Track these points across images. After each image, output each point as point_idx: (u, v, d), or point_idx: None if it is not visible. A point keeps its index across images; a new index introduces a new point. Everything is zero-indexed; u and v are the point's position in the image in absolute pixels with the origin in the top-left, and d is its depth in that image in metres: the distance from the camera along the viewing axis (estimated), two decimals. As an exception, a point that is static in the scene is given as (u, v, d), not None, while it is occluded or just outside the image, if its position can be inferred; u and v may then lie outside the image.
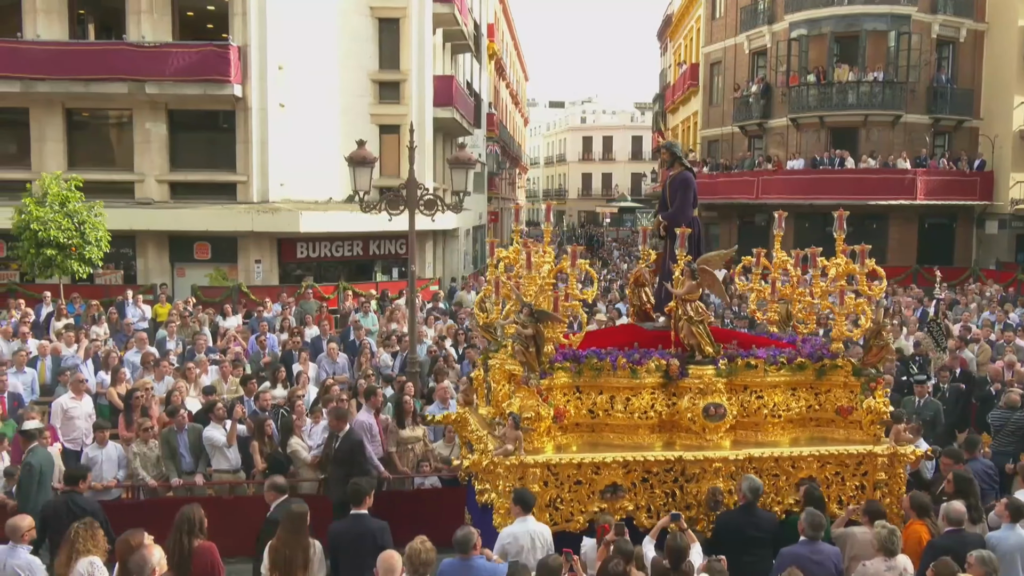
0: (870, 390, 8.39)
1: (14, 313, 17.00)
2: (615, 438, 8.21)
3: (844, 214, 9.21)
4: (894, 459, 8.20)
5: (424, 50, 26.42)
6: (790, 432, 8.51)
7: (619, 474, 7.86)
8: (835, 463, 8.20)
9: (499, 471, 7.61)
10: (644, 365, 8.16)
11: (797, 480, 8.09)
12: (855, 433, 8.46)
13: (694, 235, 9.02)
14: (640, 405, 8.16)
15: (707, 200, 35.59)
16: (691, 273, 8.17)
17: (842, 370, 8.52)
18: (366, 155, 13.43)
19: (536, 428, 7.74)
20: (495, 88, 48.35)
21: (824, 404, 8.58)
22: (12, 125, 23.70)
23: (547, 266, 8.67)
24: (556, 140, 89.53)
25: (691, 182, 9.51)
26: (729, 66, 36.63)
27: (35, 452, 9.03)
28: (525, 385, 7.81)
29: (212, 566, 6.76)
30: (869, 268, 8.89)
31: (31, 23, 22.84)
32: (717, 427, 8.04)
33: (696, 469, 7.92)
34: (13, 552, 6.79)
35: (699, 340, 8.22)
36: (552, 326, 8.00)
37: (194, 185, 23.74)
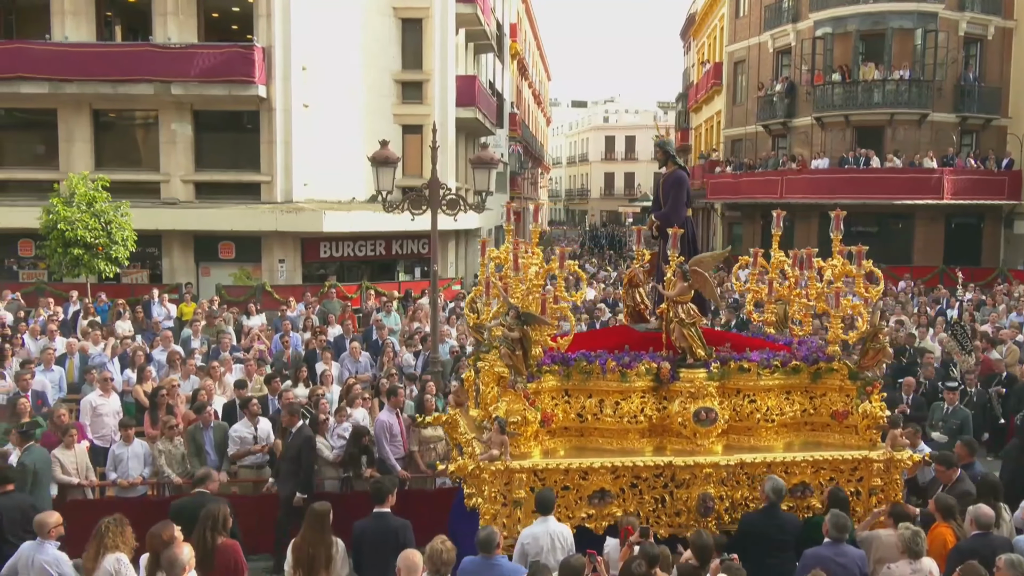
0: (866, 394, 8.21)
1: (42, 311, 17.20)
2: (604, 442, 8.10)
3: (841, 214, 9.00)
4: (890, 464, 8.03)
5: (447, 50, 26.48)
6: (784, 437, 8.35)
7: (607, 479, 7.75)
8: (829, 468, 8.04)
9: (484, 476, 7.53)
10: (634, 368, 8.02)
11: (790, 486, 7.94)
12: (851, 438, 8.29)
13: (687, 235, 8.95)
14: (630, 409, 8.03)
15: (731, 200, 35.49)
16: (683, 274, 8.02)
17: (838, 373, 8.33)
18: (389, 155, 13.48)
19: (523, 432, 7.65)
20: (517, 88, 48.36)
21: (819, 408, 8.41)
22: (40, 126, 24.01)
23: (534, 267, 8.53)
24: (578, 140, 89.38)
25: (684, 181, 9.41)
26: (753, 65, 36.40)
27: (31, 451, 9.03)
28: (512, 389, 7.72)
29: (235, 563, 6.81)
30: (867, 270, 8.69)
31: (59, 25, 23.12)
32: (708, 432, 7.92)
33: (686, 474, 7.80)
34: (41, 548, 6.86)
35: (690, 343, 8.05)
36: (539, 329, 7.91)
37: (219, 185, 23.93)
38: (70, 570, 6.68)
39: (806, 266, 9.29)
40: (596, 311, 18.17)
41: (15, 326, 15.87)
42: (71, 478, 9.62)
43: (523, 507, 7.55)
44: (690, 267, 8.06)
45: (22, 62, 22.34)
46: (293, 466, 9.47)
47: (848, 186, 29.41)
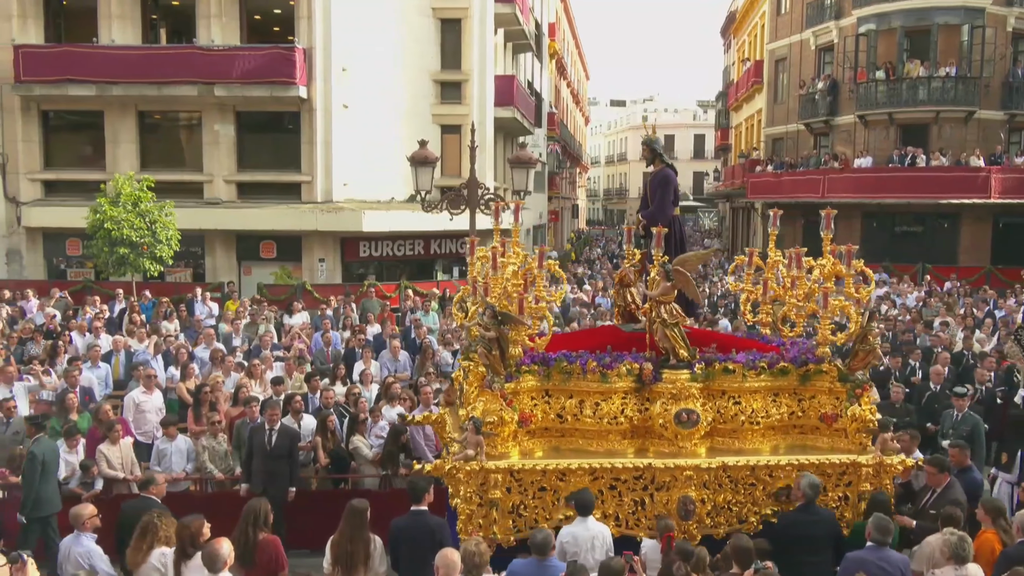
0: (856, 397, 7.99)
1: (89, 310, 17.55)
2: (585, 444, 8.00)
3: (832, 213, 8.83)
4: (880, 469, 7.82)
5: (486, 50, 26.52)
6: (771, 439, 8.18)
7: (585, 481, 7.66)
8: (816, 472, 7.81)
9: (460, 476, 7.49)
10: (615, 369, 7.92)
11: (775, 490, 7.81)
12: (840, 441, 8.10)
13: (674, 234, 8.85)
14: (610, 410, 7.92)
15: (771, 199, 35.08)
16: (666, 274, 7.89)
17: (827, 375, 8.13)
18: (428, 155, 13.56)
19: (499, 433, 7.60)
20: (556, 87, 48.30)
21: (808, 411, 8.22)
22: (88, 128, 24.47)
23: (512, 267, 8.43)
24: (617, 139, 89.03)
25: (671, 180, 9.29)
26: (794, 62, 35.98)
27: (40, 442, 9.17)
28: (488, 388, 7.66)
29: (276, 558, 6.90)
30: (857, 269, 8.50)
31: (106, 29, 23.55)
32: (690, 434, 7.79)
33: (666, 477, 7.67)
34: (77, 540, 6.99)
35: (673, 343, 7.91)
36: (516, 328, 7.85)
37: (260, 185, 24.21)
38: (102, 563, 6.77)
39: (795, 265, 9.11)
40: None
41: (64, 324, 16.21)
42: (116, 473, 9.80)
43: (499, 507, 7.51)
44: (673, 267, 7.93)
45: (70, 65, 22.81)
46: (282, 464, 9.54)
47: (892, 185, 28.95)
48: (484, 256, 9.03)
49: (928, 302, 20.91)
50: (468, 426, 7.56)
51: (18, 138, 23.82)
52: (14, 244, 24.16)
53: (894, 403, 11.34)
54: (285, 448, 9.57)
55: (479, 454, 7.47)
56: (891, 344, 15.02)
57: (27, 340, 14.88)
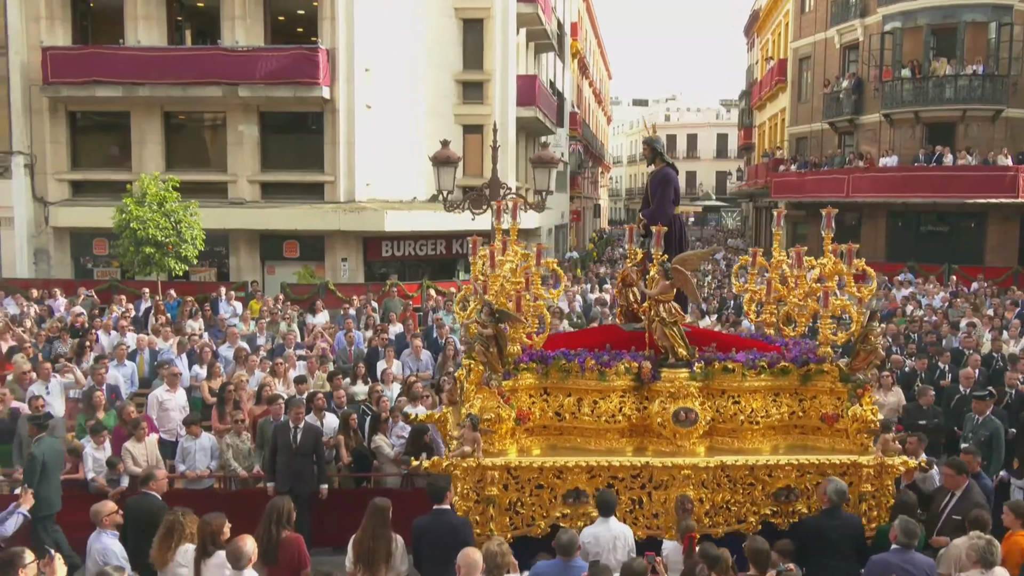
0: (857, 397, 7.91)
1: (115, 308, 17.73)
2: (583, 442, 7.99)
3: (832, 212, 8.78)
4: (882, 470, 7.73)
5: (508, 50, 26.55)
6: (771, 439, 8.12)
7: (583, 479, 7.65)
8: (815, 473, 7.78)
9: (457, 473, 7.50)
10: (613, 367, 7.89)
11: (774, 490, 7.74)
12: (840, 442, 8.03)
13: (674, 234, 8.80)
14: (608, 408, 7.90)
15: (795, 199, 34.85)
16: (665, 273, 7.86)
17: (828, 375, 8.05)
18: (450, 155, 13.58)
19: (496, 430, 7.59)
20: (578, 87, 48.22)
21: (808, 411, 8.15)
22: (115, 128, 24.73)
23: (508, 265, 8.43)
24: (639, 138, 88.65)
25: (671, 178, 9.24)
26: (819, 61, 35.70)
27: (41, 442, 9.21)
28: (486, 386, 7.66)
29: (298, 556, 6.94)
30: (858, 268, 8.40)
31: (132, 30, 23.80)
32: (689, 433, 7.74)
33: (664, 476, 7.66)
34: (97, 537, 7.06)
35: (672, 342, 7.88)
36: (514, 326, 7.84)
37: (284, 185, 24.37)
38: (117, 559, 6.82)
39: (795, 265, 9.03)
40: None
41: (91, 323, 16.39)
42: (141, 470, 9.88)
43: (496, 504, 7.52)
44: (672, 266, 7.90)
45: (97, 66, 23.07)
46: (307, 460, 9.58)
47: (918, 184, 28.63)
48: (484, 255, 9.03)
49: (954, 303, 20.67)
50: (465, 423, 7.60)
51: (46, 139, 24.13)
52: (42, 243, 24.48)
53: (923, 405, 11.22)
54: (310, 446, 9.62)
55: (476, 451, 7.50)
56: (916, 346, 14.86)
57: (54, 339, 15.06)
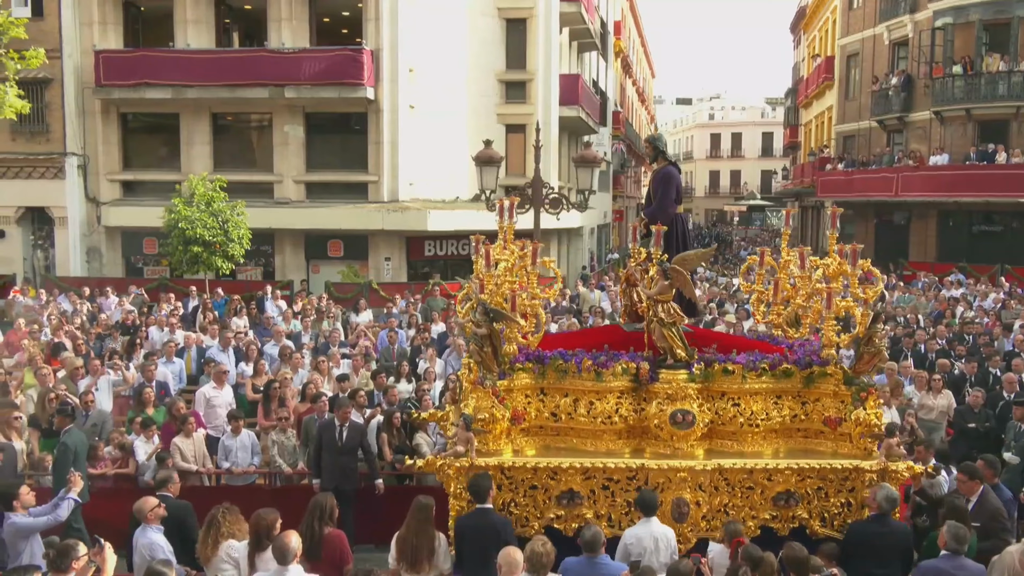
0: (861, 400, 7.69)
1: (164, 306, 18.07)
2: (580, 443, 7.88)
3: (838, 211, 8.53)
4: (885, 476, 7.50)
5: (551, 49, 26.52)
6: (772, 443, 7.93)
7: (577, 480, 7.56)
8: (816, 477, 7.59)
9: (450, 473, 7.47)
10: (610, 368, 7.78)
11: (774, 494, 7.57)
12: (844, 446, 7.81)
13: (676, 232, 8.68)
14: (604, 409, 7.78)
15: (842, 198, 34.33)
16: (664, 273, 7.70)
17: (832, 378, 7.84)
18: (492, 155, 13.61)
19: (491, 430, 7.54)
20: (621, 86, 48.01)
21: (811, 414, 7.94)
22: (164, 130, 25.21)
23: (503, 264, 8.35)
24: (683, 137, 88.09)
25: (673, 177, 9.10)
26: (867, 58, 35.11)
27: (71, 433, 9.37)
28: (480, 386, 7.59)
29: (341, 552, 7.01)
30: (864, 269, 8.16)
31: (181, 33, 24.24)
32: (687, 435, 7.59)
33: (660, 478, 7.51)
34: (143, 532, 7.19)
35: (671, 343, 7.71)
36: (509, 326, 7.77)
37: (328, 185, 24.63)
38: (163, 554, 6.92)
39: (800, 265, 8.81)
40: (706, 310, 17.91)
41: (140, 320, 16.72)
42: (190, 465, 10.06)
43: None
44: (671, 266, 7.76)
45: (148, 69, 23.54)
46: (352, 460, 9.66)
47: (969, 183, 28.00)
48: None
49: (1007, 304, 20.18)
50: (459, 423, 7.57)
51: (99, 140, 24.68)
52: (94, 243, 25.04)
53: (973, 408, 10.98)
54: (355, 443, 9.71)
55: (469, 451, 7.46)
56: (967, 348, 14.55)
57: (105, 336, 15.39)
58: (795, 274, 8.96)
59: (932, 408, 11.43)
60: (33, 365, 12.61)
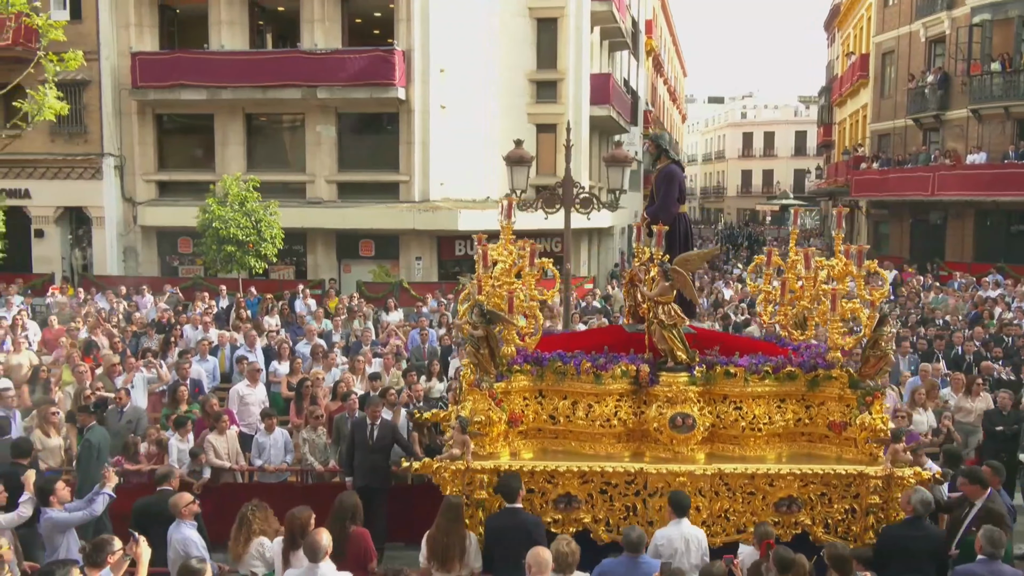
0: (866, 404, 7.52)
1: (198, 305, 18.28)
2: (579, 446, 7.79)
3: (844, 211, 8.43)
4: (891, 482, 7.34)
5: (582, 49, 26.46)
6: (775, 447, 7.79)
7: (574, 484, 7.47)
8: (819, 483, 7.44)
9: (446, 476, 7.42)
10: (609, 370, 7.67)
11: (776, 500, 7.44)
12: (848, 451, 7.66)
13: (680, 232, 8.58)
14: (603, 412, 7.68)
15: (877, 197, 33.93)
16: (664, 274, 7.57)
17: (837, 382, 7.67)
18: (523, 154, 13.59)
19: (487, 433, 7.47)
20: (652, 85, 47.78)
21: (815, 418, 7.79)
22: (199, 130, 25.51)
23: (500, 264, 8.29)
24: (715, 136, 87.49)
25: (675, 176, 8.99)
26: (903, 55, 34.63)
27: (94, 430, 9.51)
28: (477, 388, 7.53)
29: (366, 551, 7.06)
30: (870, 269, 8.03)
31: (216, 35, 24.51)
32: (687, 439, 7.47)
33: (659, 483, 7.40)
34: (177, 527, 7.28)
35: (671, 345, 7.59)
36: (506, 327, 7.70)
37: (360, 185, 24.77)
38: (197, 550, 6.99)
39: (805, 266, 8.67)
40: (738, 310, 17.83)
41: (175, 319, 16.94)
42: (223, 462, 10.17)
43: (485, 508, 7.43)
44: (671, 266, 7.64)
45: (183, 70, 23.84)
46: (383, 458, 9.70)
47: (1008, 182, 27.48)
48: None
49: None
50: (455, 425, 7.53)
51: (135, 141, 25.04)
52: (130, 242, 25.41)
53: (1001, 410, 10.81)
54: (386, 441, 9.76)
55: (465, 453, 7.42)
56: (1005, 350, 14.30)
57: (141, 334, 15.61)
58: (801, 275, 8.84)
59: (970, 411, 11.27)
60: (71, 362, 12.84)
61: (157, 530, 7.18)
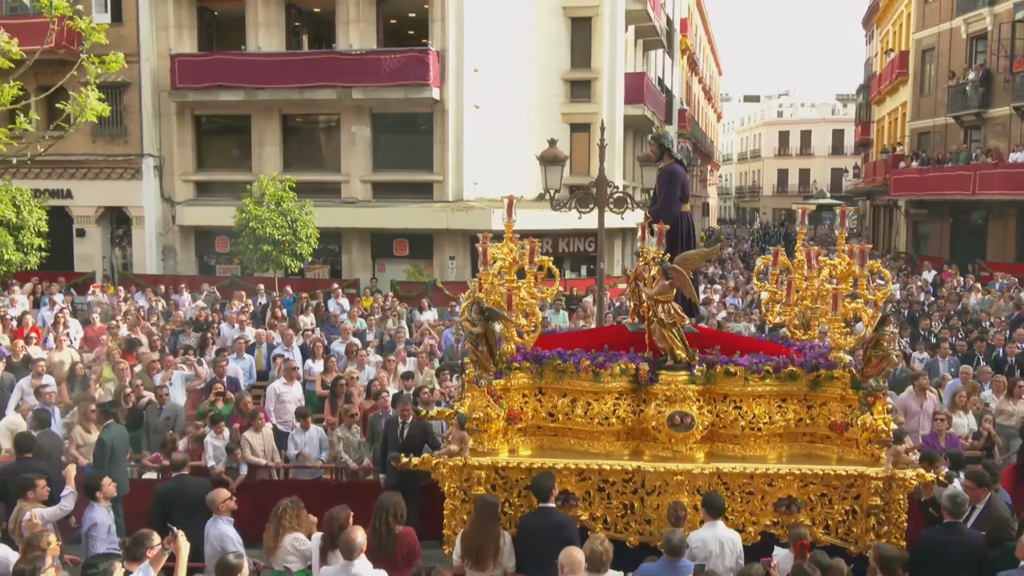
0: (868, 405, 7.38)
1: (235, 303, 18.50)
2: (578, 444, 7.76)
3: (847, 210, 8.26)
4: (892, 483, 7.20)
5: (616, 48, 26.38)
6: (776, 447, 7.69)
7: (572, 482, 7.44)
8: (820, 484, 7.33)
9: (444, 472, 7.45)
10: (608, 369, 7.63)
11: (775, 500, 7.33)
12: (850, 452, 7.52)
13: (681, 231, 8.50)
14: (601, 410, 7.64)
15: (917, 196, 33.42)
16: (664, 273, 7.51)
17: (839, 382, 7.55)
18: (557, 154, 13.58)
19: (485, 429, 7.47)
20: (687, 84, 47.50)
21: (817, 418, 7.68)
22: (236, 131, 25.81)
23: (498, 263, 8.25)
24: (750, 135, 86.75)
25: (677, 175, 8.86)
26: (943, 52, 34.07)
27: (109, 428, 9.58)
28: (475, 384, 7.53)
29: (412, 549, 7.10)
30: (873, 269, 7.87)
31: (253, 36, 24.78)
32: (685, 438, 7.40)
33: (657, 481, 7.35)
34: (214, 523, 7.37)
35: (671, 344, 7.53)
36: (505, 324, 7.69)
37: (394, 185, 24.91)
38: (234, 546, 7.08)
39: (808, 265, 8.54)
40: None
41: (212, 317, 17.16)
42: (259, 459, 10.29)
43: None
44: (671, 265, 7.57)
45: (221, 72, 24.15)
46: (416, 454, 9.73)
47: (1052, 181, 26.96)
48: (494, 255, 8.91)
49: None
50: (453, 421, 7.54)
51: (174, 142, 25.40)
52: (169, 241, 25.78)
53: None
54: (418, 440, 9.80)
55: (463, 450, 7.44)
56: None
57: (179, 332, 15.83)
58: (803, 274, 8.74)
59: (1012, 414, 11.07)
60: (111, 360, 13.06)
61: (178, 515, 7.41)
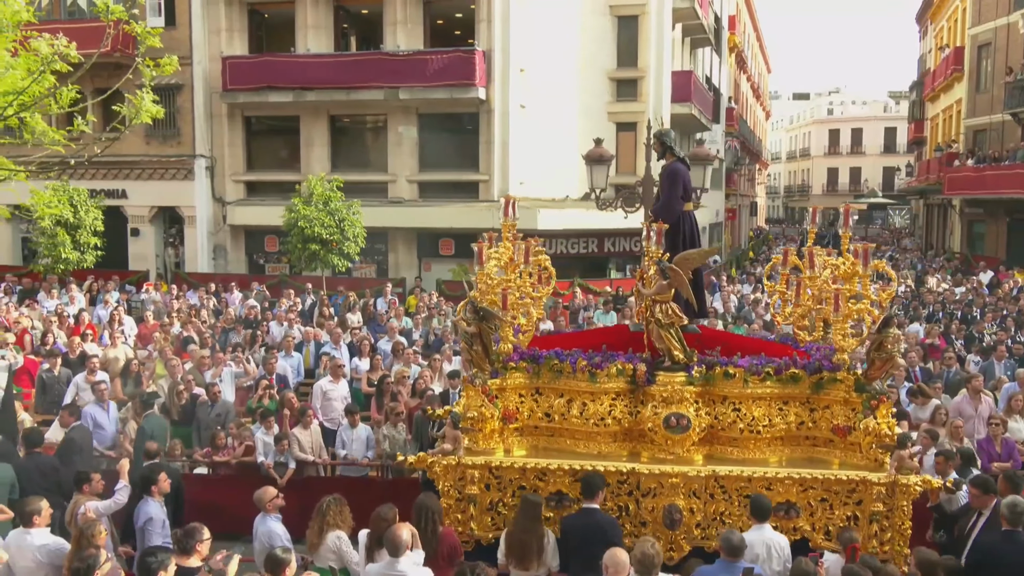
0: (872, 409, 7.18)
1: (284, 302, 18.75)
2: (574, 444, 7.70)
3: (851, 208, 8.08)
4: (895, 489, 7.01)
5: (663, 46, 26.21)
6: (777, 450, 7.52)
7: (566, 482, 7.38)
8: (820, 488, 7.15)
9: (437, 470, 7.45)
10: (605, 369, 7.54)
11: (773, 504, 7.15)
12: (853, 456, 7.31)
13: (683, 231, 8.38)
14: (597, 411, 7.55)
15: (972, 195, 32.69)
16: (662, 272, 7.41)
17: (842, 384, 7.36)
18: (603, 153, 13.54)
19: (480, 429, 7.44)
20: (735, 81, 46.99)
21: (819, 421, 7.49)
22: (286, 132, 26.15)
23: (493, 262, 8.21)
24: (799, 134, 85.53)
25: (679, 173, 8.71)
26: (1000, 48, 33.24)
27: (149, 419, 9.85)
28: (470, 384, 7.51)
29: (454, 548, 7.14)
30: (878, 269, 7.71)
31: (302, 38, 25.10)
32: (682, 440, 7.27)
33: (652, 483, 7.25)
34: (263, 520, 7.49)
35: (668, 345, 7.41)
36: (500, 324, 7.65)
37: (440, 184, 25.04)
38: (281, 541, 7.18)
39: (809, 266, 8.36)
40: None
41: (262, 315, 17.42)
42: (307, 456, 10.43)
43: (477, 503, 7.42)
44: (669, 265, 7.47)
45: (270, 74, 24.50)
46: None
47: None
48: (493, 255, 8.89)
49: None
50: (448, 421, 7.56)
51: (225, 143, 25.82)
52: (220, 240, 26.22)
53: None
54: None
55: (457, 449, 7.44)
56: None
57: (229, 330, 16.09)
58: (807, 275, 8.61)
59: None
60: (163, 356, 13.33)
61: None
